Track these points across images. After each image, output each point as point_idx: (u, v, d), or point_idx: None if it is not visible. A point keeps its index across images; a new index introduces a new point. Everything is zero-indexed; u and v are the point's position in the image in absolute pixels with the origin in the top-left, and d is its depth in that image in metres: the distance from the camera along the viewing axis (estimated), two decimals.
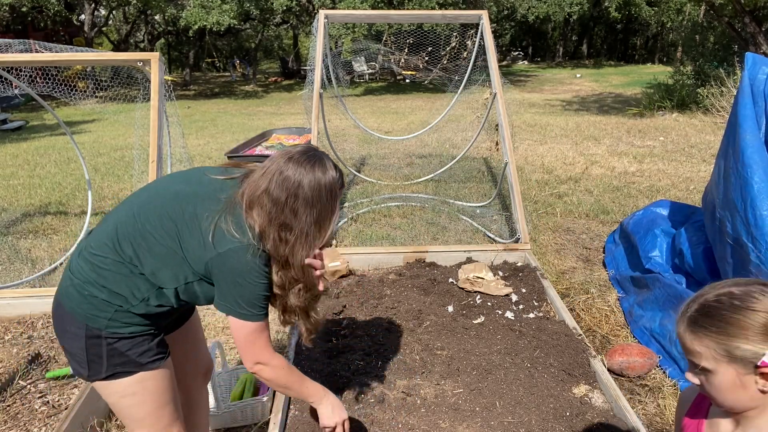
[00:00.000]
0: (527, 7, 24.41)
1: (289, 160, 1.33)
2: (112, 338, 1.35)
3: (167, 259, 1.34)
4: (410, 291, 3.16)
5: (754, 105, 2.45)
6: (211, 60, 31.23)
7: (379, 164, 6.85)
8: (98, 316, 1.33)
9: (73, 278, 1.37)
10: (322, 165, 1.35)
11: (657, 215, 3.63)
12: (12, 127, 11.13)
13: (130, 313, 1.35)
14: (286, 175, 1.31)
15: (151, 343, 1.40)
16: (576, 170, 6.54)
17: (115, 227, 1.37)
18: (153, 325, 1.41)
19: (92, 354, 1.35)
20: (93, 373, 1.37)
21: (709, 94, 10.34)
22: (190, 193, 1.38)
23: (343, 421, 1.59)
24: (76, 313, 1.35)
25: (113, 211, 1.45)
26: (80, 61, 3.47)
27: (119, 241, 1.35)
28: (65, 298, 1.38)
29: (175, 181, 1.45)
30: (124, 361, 1.36)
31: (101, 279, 1.34)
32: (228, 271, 1.32)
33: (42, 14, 18.70)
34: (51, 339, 2.85)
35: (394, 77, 21.50)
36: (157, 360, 1.41)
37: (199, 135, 10.03)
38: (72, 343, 1.37)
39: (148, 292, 1.35)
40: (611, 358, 2.63)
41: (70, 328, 1.37)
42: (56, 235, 4.59)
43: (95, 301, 1.34)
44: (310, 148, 1.39)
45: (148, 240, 1.34)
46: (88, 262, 1.36)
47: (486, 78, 4.67)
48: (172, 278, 1.36)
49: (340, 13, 4.66)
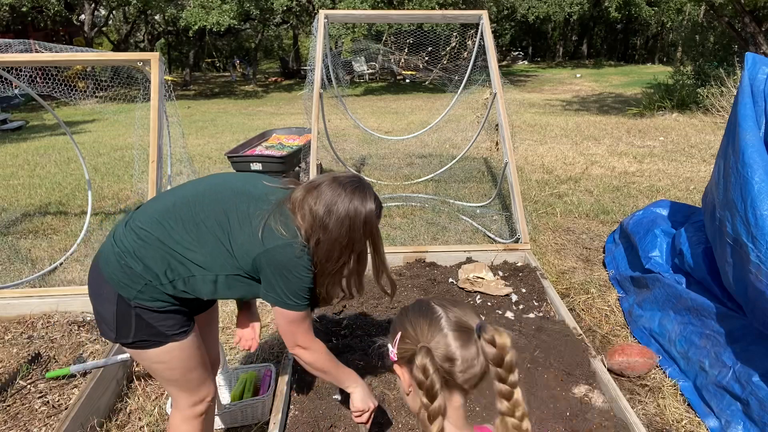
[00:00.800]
0: (527, 7, 24.40)
1: (334, 180, 1.48)
2: (140, 308, 1.46)
3: (212, 250, 1.45)
4: (410, 291, 3.16)
5: (754, 105, 2.45)
6: (211, 60, 31.23)
7: (379, 164, 6.85)
8: (130, 286, 1.44)
9: (115, 246, 1.48)
10: (363, 194, 1.47)
11: (657, 215, 3.63)
12: (12, 127, 11.12)
13: (158, 290, 1.46)
14: (327, 193, 1.45)
15: (177, 316, 1.52)
16: (576, 170, 6.54)
17: (168, 207, 1.49)
18: (179, 304, 1.52)
19: (121, 320, 1.47)
20: (120, 337, 1.49)
21: (709, 94, 10.34)
22: (245, 193, 1.51)
23: (372, 408, 1.72)
24: (111, 279, 1.46)
25: (168, 192, 1.58)
26: (80, 61, 3.47)
27: (169, 222, 1.46)
28: (104, 264, 1.48)
29: (232, 179, 1.58)
30: (152, 333, 1.49)
31: (140, 252, 1.45)
32: (276, 266, 1.44)
33: (42, 14, 18.70)
34: (51, 339, 2.85)
35: (394, 77, 21.49)
36: (182, 332, 1.54)
37: (199, 135, 10.03)
38: (104, 306, 1.48)
39: (179, 276, 1.46)
40: (611, 358, 2.63)
41: (104, 292, 1.48)
42: (56, 235, 4.59)
43: (129, 272, 1.44)
44: (357, 177, 1.53)
45: (199, 228, 1.45)
46: (134, 233, 1.47)
47: (486, 78, 4.67)
48: (209, 268, 1.46)
49: (340, 13, 4.66)
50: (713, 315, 2.52)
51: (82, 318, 3.02)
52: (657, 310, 2.92)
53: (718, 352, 2.39)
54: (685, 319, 2.69)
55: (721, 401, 2.27)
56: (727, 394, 2.25)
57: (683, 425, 2.29)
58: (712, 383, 2.34)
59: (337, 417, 2.10)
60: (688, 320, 2.67)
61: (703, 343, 2.50)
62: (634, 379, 2.59)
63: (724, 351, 2.37)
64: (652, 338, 2.84)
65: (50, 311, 3.07)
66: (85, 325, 2.96)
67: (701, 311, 2.60)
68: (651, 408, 2.40)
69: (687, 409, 2.39)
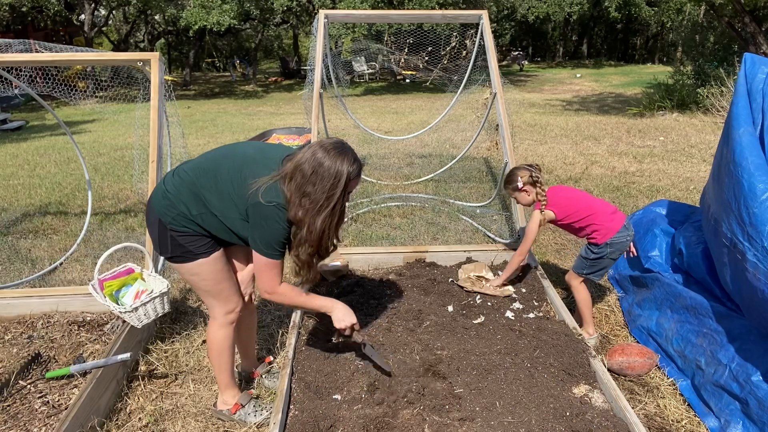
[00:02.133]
0: (527, 7, 24.41)
1: (321, 147, 1.82)
2: (173, 232, 1.95)
3: (223, 196, 1.91)
4: (410, 291, 3.16)
5: (750, 103, 2.45)
6: (211, 60, 31.24)
7: (379, 164, 6.85)
8: (167, 213, 1.95)
9: (163, 185, 1.99)
10: (344, 156, 1.81)
11: (656, 215, 3.62)
12: (12, 127, 11.13)
13: (187, 219, 1.95)
14: (315, 156, 1.80)
15: (203, 239, 1.99)
16: (576, 170, 6.54)
17: (201, 162, 1.99)
18: (202, 232, 1.98)
19: (161, 239, 1.99)
20: (161, 251, 2.02)
21: (709, 94, 10.34)
22: (251, 159, 1.94)
23: (353, 324, 2.18)
24: (156, 209, 1.97)
25: (204, 153, 2.05)
26: (80, 61, 3.47)
27: (198, 172, 1.95)
28: (154, 197, 2.01)
29: (248, 147, 2.02)
30: (183, 251, 1.98)
31: (176, 191, 1.95)
32: (257, 216, 1.85)
33: (42, 14, 18.70)
34: (51, 339, 2.85)
35: (394, 77, 21.49)
36: (207, 252, 2.01)
37: (199, 135, 10.03)
38: (152, 229, 2.01)
39: (200, 211, 1.94)
40: (611, 358, 2.63)
41: (151, 218, 2.00)
42: (56, 235, 4.59)
43: (168, 203, 1.95)
44: (340, 142, 1.88)
45: (218, 180, 1.92)
46: (177, 177, 1.97)
47: (486, 78, 4.67)
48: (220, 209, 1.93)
49: (340, 13, 4.66)
50: (711, 314, 2.52)
51: (82, 318, 3.02)
52: (655, 309, 2.92)
53: (714, 350, 2.40)
54: (682, 317, 2.69)
55: (719, 400, 2.27)
56: (726, 393, 2.25)
57: (683, 425, 2.29)
58: (710, 382, 2.34)
59: (337, 417, 2.10)
60: (685, 319, 2.67)
61: (700, 341, 2.50)
62: (634, 378, 2.59)
63: (720, 349, 2.38)
64: (650, 337, 2.84)
65: (50, 311, 3.07)
66: (85, 325, 2.96)
67: (699, 310, 2.60)
68: (651, 408, 2.40)
69: (687, 409, 2.39)
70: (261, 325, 3.06)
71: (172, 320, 3.12)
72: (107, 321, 2.99)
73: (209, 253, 2.01)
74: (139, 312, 2.43)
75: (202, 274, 2.03)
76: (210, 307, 2.16)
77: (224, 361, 2.22)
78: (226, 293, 2.12)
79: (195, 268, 2.02)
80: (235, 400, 2.30)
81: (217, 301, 2.12)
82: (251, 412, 2.30)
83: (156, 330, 2.98)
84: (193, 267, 2.01)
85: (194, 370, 2.69)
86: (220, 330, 2.16)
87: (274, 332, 3.02)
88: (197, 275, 2.04)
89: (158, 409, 2.38)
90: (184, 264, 2.01)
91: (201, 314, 3.22)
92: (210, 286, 2.07)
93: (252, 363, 2.61)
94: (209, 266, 2.03)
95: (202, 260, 2.00)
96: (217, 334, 2.17)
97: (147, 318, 2.48)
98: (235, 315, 2.18)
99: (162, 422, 2.31)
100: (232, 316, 2.16)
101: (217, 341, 2.18)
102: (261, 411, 2.31)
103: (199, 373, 2.67)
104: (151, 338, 2.91)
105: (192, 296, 3.44)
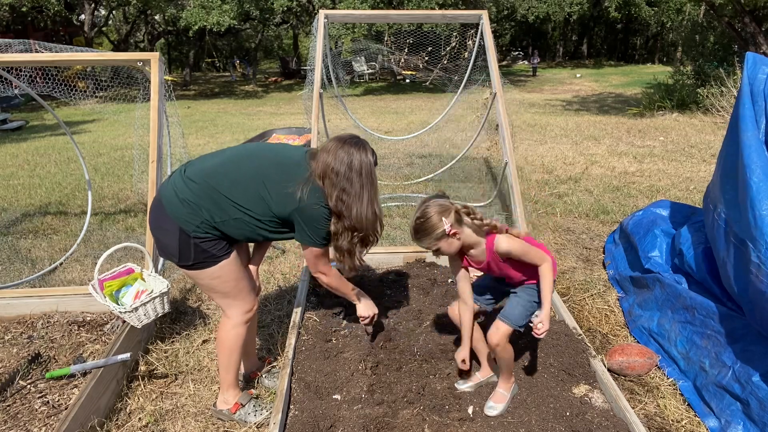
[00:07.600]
0: (527, 7, 24.41)
1: (343, 144, 2.00)
2: (197, 239, 1.96)
3: (257, 201, 1.98)
4: (410, 291, 3.16)
5: (753, 105, 2.45)
6: (211, 60, 31.23)
7: (379, 164, 6.78)
8: (190, 222, 1.94)
9: (178, 193, 1.96)
10: (365, 149, 2.04)
11: (657, 215, 3.62)
12: (12, 127, 11.13)
13: (210, 226, 1.96)
14: (342, 155, 1.98)
15: (223, 242, 2.03)
16: (576, 170, 6.54)
17: (216, 166, 2.01)
18: (223, 235, 2.02)
19: (183, 247, 1.97)
20: (182, 260, 2.00)
21: (709, 94, 10.34)
22: (275, 162, 2.04)
23: (374, 314, 2.42)
24: (175, 216, 1.95)
25: (214, 153, 2.11)
26: (80, 61, 3.46)
27: (217, 178, 1.97)
28: (168, 205, 1.97)
29: (264, 149, 2.13)
30: (207, 256, 2.00)
31: (197, 200, 1.95)
32: (305, 217, 2.00)
33: (42, 14, 18.70)
34: (51, 339, 2.85)
35: (394, 77, 21.49)
36: (228, 252, 2.05)
37: (199, 135, 10.03)
38: (166, 237, 1.99)
39: (223, 219, 1.97)
40: (611, 358, 2.63)
41: (165, 226, 1.98)
42: (56, 235, 4.59)
43: (190, 210, 1.94)
44: (354, 136, 2.08)
45: (238, 185, 1.96)
46: (193, 183, 1.96)
47: (486, 78, 4.66)
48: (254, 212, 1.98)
49: (340, 13, 4.65)
50: (714, 315, 2.52)
51: (82, 318, 3.02)
52: (656, 310, 2.92)
53: (719, 352, 2.39)
54: (683, 318, 2.69)
55: (720, 401, 2.26)
56: (727, 394, 2.25)
57: (683, 425, 2.29)
58: (712, 383, 2.34)
59: (337, 417, 2.10)
60: (687, 320, 2.66)
61: (704, 343, 2.50)
62: (634, 378, 2.58)
63: (724, 351, 2.37)
64: (651, 338, 2.84)
65: (50, 311, 3.07)
66: (85, 325, 2.96)
67: (701, 311, 2.60)
68: (651, 408, 2.40)
69: (687, 409, 2.39)
70: (261, 325, 3.06)
71: (172, 320, 3.12)
72: (107, 321, 2.98)
73: (230, 253, 2.06)
74: (139, 312, 2.43)
75: (224, 276, 2.05)
76: (227, 308, 2.16)
77: (234, 360, 2.24)
78: (245, 292, 2.15)
79: (217, 271, 2.03)
80: (236, 399, 2.30)
81: (237, 301, 2.14)
82: (251, 412, 2.30)
83: (156, 330, 2.98)
84: (215, 270, 2.03)
85: (194, 370, 2.69)
86: (234, 329, 2.18)
87: (274, 332, 3.02)
88: (219, 278, 2.05)
89: (158, 409, 2.38)
90: (206, 269, 2.02)
91: (201, 314, 3.22)
92: (230, 287, 2.10)
93: (253, 363, 2.61)
94: (230, 266, 2.06)
95: (224, 262, 2.03)
96: (230, 332, 2.18)
97: (147, 318, 2.49)
98: (253, 314, 2.22)
99: (162, 422, 2.31)
100: (249, 315, 2.20)
101: (229, 340, 2.19)
102: (261, 411, 2.31)
103: (199, 373, 2.67)
104: (151, 338, 2.91)
105: (192, 296, 3.44)
